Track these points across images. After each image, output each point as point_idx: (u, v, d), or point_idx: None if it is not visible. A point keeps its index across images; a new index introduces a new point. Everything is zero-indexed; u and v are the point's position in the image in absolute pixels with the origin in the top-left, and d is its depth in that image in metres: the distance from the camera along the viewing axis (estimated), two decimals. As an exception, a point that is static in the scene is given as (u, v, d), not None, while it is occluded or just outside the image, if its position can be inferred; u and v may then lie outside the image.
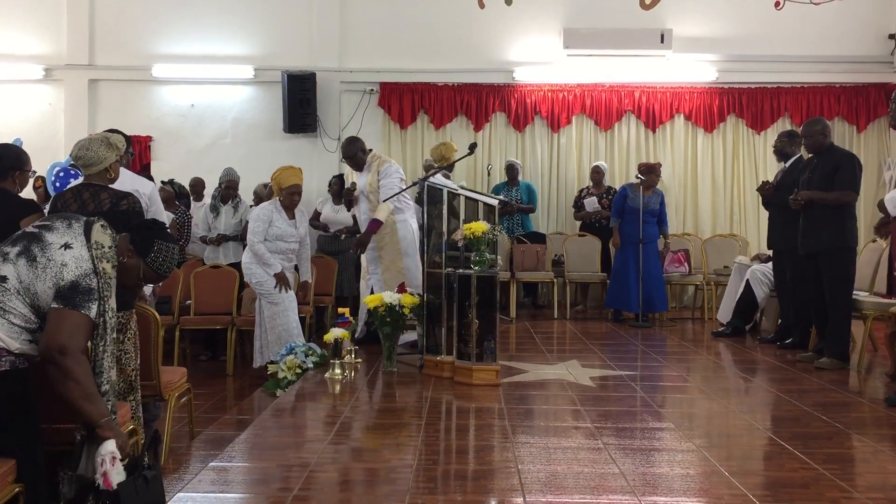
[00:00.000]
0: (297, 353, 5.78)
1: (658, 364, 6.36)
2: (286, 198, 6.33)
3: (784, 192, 6.52)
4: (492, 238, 5.22)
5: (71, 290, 2.69)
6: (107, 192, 3.80)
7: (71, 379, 2.65)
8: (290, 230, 6.34)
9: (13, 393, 2.71)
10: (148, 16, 10.23)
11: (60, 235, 2.78)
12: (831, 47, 10.09)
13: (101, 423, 2.69)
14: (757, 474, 3.48)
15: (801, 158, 6.89)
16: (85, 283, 2.72)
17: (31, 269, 2.70)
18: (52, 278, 2.70)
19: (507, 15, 10.09)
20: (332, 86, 10.15)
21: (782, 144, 7.06)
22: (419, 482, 3.30)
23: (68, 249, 2.75)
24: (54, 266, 2.71)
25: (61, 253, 2.74)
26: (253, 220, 6.35)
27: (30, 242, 2.76)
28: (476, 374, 5.18)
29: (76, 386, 2.66)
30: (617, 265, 8.47)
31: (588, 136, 10.30)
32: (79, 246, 2.77)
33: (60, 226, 2.83)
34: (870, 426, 4.41)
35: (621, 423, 4.35)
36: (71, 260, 2.73)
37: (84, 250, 2.77)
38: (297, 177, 6.34)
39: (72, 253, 2.75)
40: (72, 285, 2.70)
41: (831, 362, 5.87)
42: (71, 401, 2.68)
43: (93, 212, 3.69)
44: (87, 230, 2.83)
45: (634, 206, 8.30)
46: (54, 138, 10.12)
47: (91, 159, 3.83)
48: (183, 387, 4.45)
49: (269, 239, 6.28)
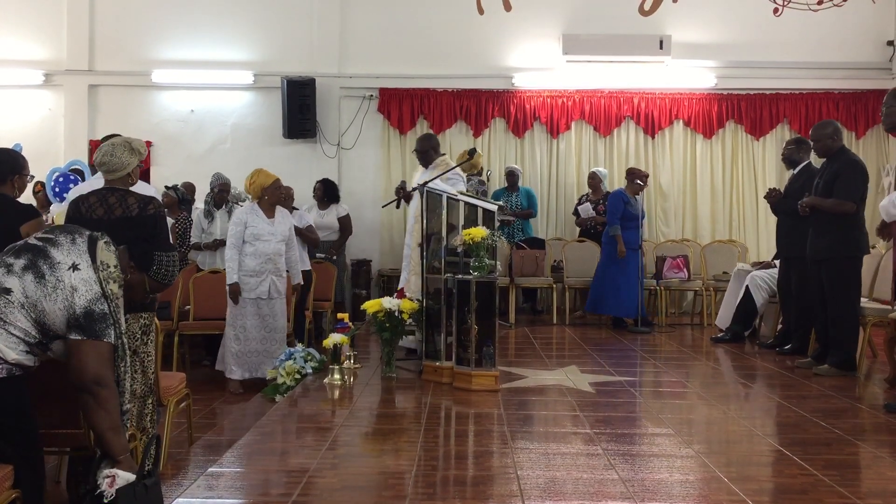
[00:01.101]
0: (296, 358, 5.78)
1: (657, 370, 6.36)
2: (273, 193, 6.34)
3: (791, 200, 6.53)
4: (491, 244, 5.23)
5: (87, 318, 2.71)
6: (133, 197, 3.82)
7: (104, 409, 2.71)
8: (269, 228, 6.30)
9: (9, 399, 2.72)
10: (148, 21, 10.24)
11: (66, 253, 2.79)
12: (830, 54, 10.11)
13: (120, 460, 2.74)
14: (756, 480, 3.48)
15: (809, 165, 6.88)
16: (98, 310, 2.74)
17: (40, 287, 2.70)
18: (62, 301, 2.71)
19: (507, 21, 10.13)
20: (332, 91, 10.17)
21: (790, 152, 7.05)
22: (418, 488, 3.29)
23: (76, 271, 2.75)
24: (64, 289, 2.72)
25: (69, 275, 2.74)
26: (230, 226, 6.40)
27: (35, 257, 2.76)
28: (475, 380, 5.17)
29: (107, 416, 2.72)
30: (614, 271, 8.43)
31: (587, 141, 10.31)
32: (85, 267, 2.78)
33: (65, 241, 2.83)
34: (869, 432, 4.41)
35: (620, 429, 4.35)
36: (80, 283, 2.74)
37: (91, 272, 2.78)
38: (273, 174, 6.45)
39: (80, 275, 2.75)
40: (86, 314, 2.72)
41: (830, 370, 5.85)
42: (99, 431, 2.73)
43: (120, 216, 3.71)
44: (91, 247, 2.83)
45: (634, 213, 8.33)
46: (54, 143, 10.12)
47: (116, 165, 3.85)
48: (182, 392, 4.44)
49: (249, 240, 6.26)
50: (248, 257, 6.26)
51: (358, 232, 9.91)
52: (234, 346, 6.28)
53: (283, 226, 6.43)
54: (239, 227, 6.28)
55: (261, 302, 6.26)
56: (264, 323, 6.28)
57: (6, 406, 2.72)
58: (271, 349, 6.25)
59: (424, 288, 5.75)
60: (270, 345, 6.28)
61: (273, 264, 6.31)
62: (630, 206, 8.36)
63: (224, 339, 6.39)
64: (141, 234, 3.70)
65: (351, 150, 10.22)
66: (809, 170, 6.79)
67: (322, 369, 5.76)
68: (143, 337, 3.70)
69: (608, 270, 8.42)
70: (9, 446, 2.71)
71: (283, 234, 6.40)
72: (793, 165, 7.04)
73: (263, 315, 6.28)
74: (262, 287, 6.24)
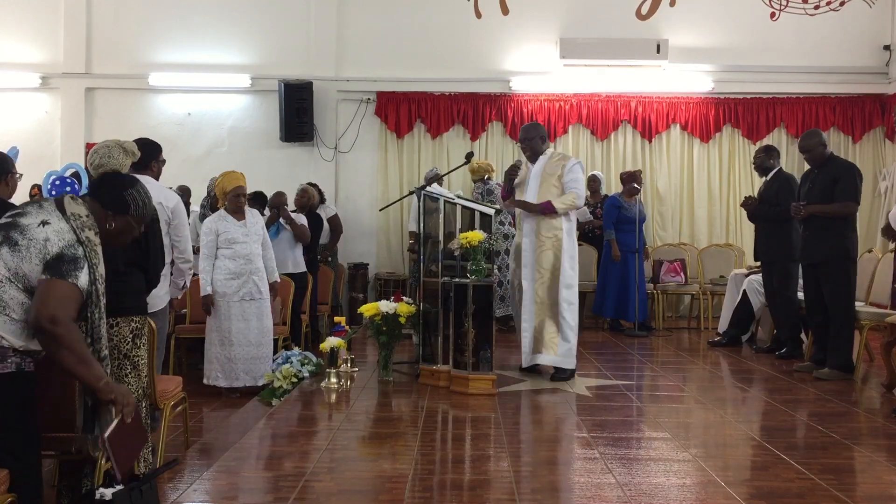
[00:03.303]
0: (292, 362, 5.77)
1: (654, 374, 6.36)
2: (231, 201, 6.27)
3: (766, 206, 6.92)
4: (488, 247, 5.23)
5: (56, 260, 2.69)
6: None
7: (64, 347, 2.66)
8: (242, 230, 6.26)
9: (16, 396, 2.70)
10: (145, 24, 10.24)
11: (35, 216, 2.77)
12: (827, 58, 10.13)
13: (100, 387, 2.71)
14: (753, 484, 3.48)
15: (780, 171, 7.16)
16: (70, 253, 2.71)
17: (16, 254, 2.68)
18: (37, 255, 2.69)
19: (504, 25, 10.14)
20: (329, 95, 10.17)
21: (761, 160, 7.26)
22: (415, 492, 3.29)
23: (46, 226, 2.73)
24: (37, 244, 2.70)
25: (41, 230, 2.72)
26: (201, 236, 6.35)
27: (7, 230, 2.75)
28: (472, 384, 5.17)
29: (69, 353, 2.67)
30: (616, 274, 8.44)
31: (584, 145, 10.31)
32: (56, 220, 2.76)
33: (32, 209, 2.82)
34: (866, 436, 4.42)
35: (617, 433, 4.35)
36: (52, 234, 2.72)
37: (62, 223, 2.76)
38: (238, 179, 6.31)
39: (51, 227, 2.73)
40: (57, 256, 2.69)
41: (831, 373, 5.87)
42: (67, 367, 2.70)
43: None
44: (59, 205, 2.82)
45: (630, 216, 8.37)
46: (51, 146, 10.11)
47: (113, 166, 3.86)
48: (178, 396, 4.43)
49: (224, 246, 6.22)
50: (227, 261, 6.19)
51: (355, 235, 9.91)
52: (218, 351, 6.16)
53: (256, 226, 6.37)
54: (210, 237, 6.23)
55: (245, 304, 6.21)
56: (249, 326, 6.20)
57: (13, 403, 2.70)
58: (260, 353, 6.15)
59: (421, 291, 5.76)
60: (258, 349, 6.18)
61: (252, 265, 6.25)
62: (625, 210, 8.40)
63: (207, 347, 6.26)
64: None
65: (348, 153, 10.22)
66: (781, 175, 7.09)
67: (319, 373, 5.75)
68: (135, 340, 3.68)
69: (607, 273, 8.51)
70: (10, 445, 2.69)
71: (258, 233, 6.34)
72: (765, 172, 7.24)
73: (248, 318, 6.20)
74: (245, 288, 6.18)
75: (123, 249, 3.62)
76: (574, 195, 5.82)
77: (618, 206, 8.44)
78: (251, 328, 6.16)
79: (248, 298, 6.17)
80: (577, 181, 5.87)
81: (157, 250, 3.82)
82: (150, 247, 3.77)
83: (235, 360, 6.12)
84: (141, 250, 3.75)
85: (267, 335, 6.23)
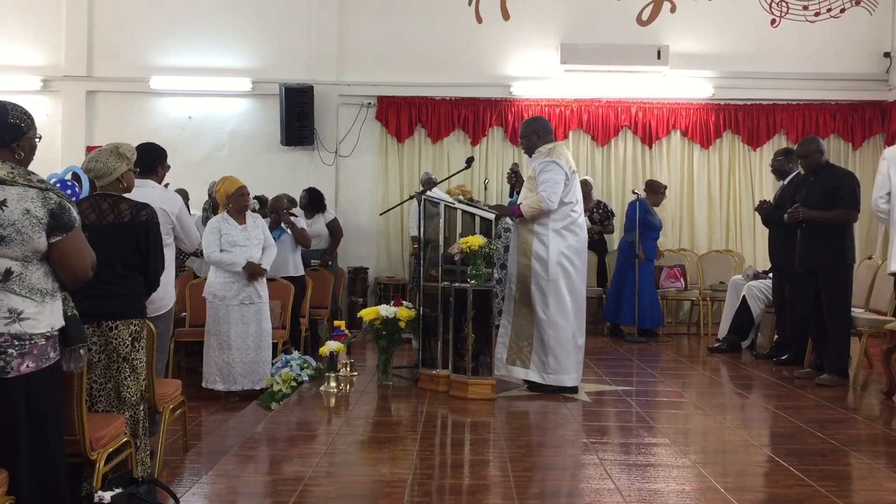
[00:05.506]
0: (292, 366, 5.76)
1: (654, 379, 6.36)
2: (237, 200, 6.26)
3: (783, 210, 6.52)
4: (488, 252, 5.23)
5: (54, 218, 2.66)
6: (126, 203, 3.82)
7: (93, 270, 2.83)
8: (243, 234, 6.25)
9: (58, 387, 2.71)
10: (146, 28, 10.24)
11: None
12: (827, 65, 10.14)
13: None
14: (752, 491, 3.48)
15: (798, 175, 6.92)
16: (54, 204, 2.67)
17: (15, 245, 2.62)
18: (33, 230, 2.62)
19: (505, 30, 10.16)
20: (330, 99, 10.17)
21: (779, 163, 7.15)
22: (414, 496, 3.29)
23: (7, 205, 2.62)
24: (20, 221, 2.61)
25: (10, 211, 2.62)
26: (204, 235, 6.31)
27: None
28: (472, 388, 5.17)
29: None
30: (635, 279, 8.29)
31: (585, 151, 10.31)
32: (6, 192, 2.64)
33: None
34: (865, 443, 4.42)
35: (617, 439, 4.35)
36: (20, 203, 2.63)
37: (13, 189, 2.65)
38: (238, 181, 6.32)
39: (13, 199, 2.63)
40: (51, 214, 2.66)
41: (831, 378, 5.87)
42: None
43: (112, 222, 3.73)
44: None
45: (655, 223, 8.40)
46: (51, 150, 10.08)
47: (101, 170, 3.86)
48: (177, 399, 4.43)
49: (226, 248, 6.19)
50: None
51: (355, 240, 9.90)
52: (217, 355, 6.15)
53: (257, 229, 6.37)
54: (214, 235, 6.20)
55: (244, 307, 6.20)
56: (248, 329, 6.19)
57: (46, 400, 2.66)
58: (259, 357, 6.14)
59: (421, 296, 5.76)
60: (257, 353, 6.18)
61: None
62: (650, 216, 8.42)
63: (206, 351, 6.25)
64: (133, 240, 3.72)
65: (349, 157, 10.23)
66: (799, 179, 6.81)
67: (318, 377, 5.75)
68: (134, 343, 3.69)
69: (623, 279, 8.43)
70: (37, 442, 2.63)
71: (259, 237, 6.33)
72: (782, 176, 7.14)
73: (248, 321, 6.19)
74: (245, 292, 6.18)
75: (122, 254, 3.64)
76: (539, 198, 5.35)
77: (646, 211, 8.41)
78: (250, 332, 6.16)
79: (248, 302, 6.16)
80: (547, 182, 5.36)
81: (156, 254, 3.83)
82: (150, 251, 3.78)
83: (234, 364, 6.10)
84: (140, 254, 3.76)
85: (266, 339, 6.23)
